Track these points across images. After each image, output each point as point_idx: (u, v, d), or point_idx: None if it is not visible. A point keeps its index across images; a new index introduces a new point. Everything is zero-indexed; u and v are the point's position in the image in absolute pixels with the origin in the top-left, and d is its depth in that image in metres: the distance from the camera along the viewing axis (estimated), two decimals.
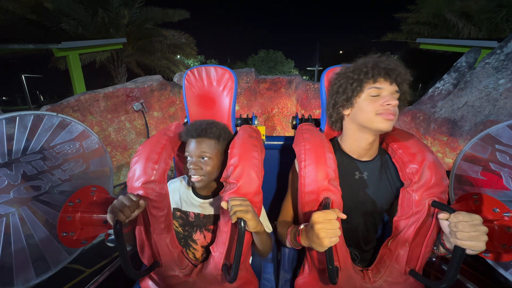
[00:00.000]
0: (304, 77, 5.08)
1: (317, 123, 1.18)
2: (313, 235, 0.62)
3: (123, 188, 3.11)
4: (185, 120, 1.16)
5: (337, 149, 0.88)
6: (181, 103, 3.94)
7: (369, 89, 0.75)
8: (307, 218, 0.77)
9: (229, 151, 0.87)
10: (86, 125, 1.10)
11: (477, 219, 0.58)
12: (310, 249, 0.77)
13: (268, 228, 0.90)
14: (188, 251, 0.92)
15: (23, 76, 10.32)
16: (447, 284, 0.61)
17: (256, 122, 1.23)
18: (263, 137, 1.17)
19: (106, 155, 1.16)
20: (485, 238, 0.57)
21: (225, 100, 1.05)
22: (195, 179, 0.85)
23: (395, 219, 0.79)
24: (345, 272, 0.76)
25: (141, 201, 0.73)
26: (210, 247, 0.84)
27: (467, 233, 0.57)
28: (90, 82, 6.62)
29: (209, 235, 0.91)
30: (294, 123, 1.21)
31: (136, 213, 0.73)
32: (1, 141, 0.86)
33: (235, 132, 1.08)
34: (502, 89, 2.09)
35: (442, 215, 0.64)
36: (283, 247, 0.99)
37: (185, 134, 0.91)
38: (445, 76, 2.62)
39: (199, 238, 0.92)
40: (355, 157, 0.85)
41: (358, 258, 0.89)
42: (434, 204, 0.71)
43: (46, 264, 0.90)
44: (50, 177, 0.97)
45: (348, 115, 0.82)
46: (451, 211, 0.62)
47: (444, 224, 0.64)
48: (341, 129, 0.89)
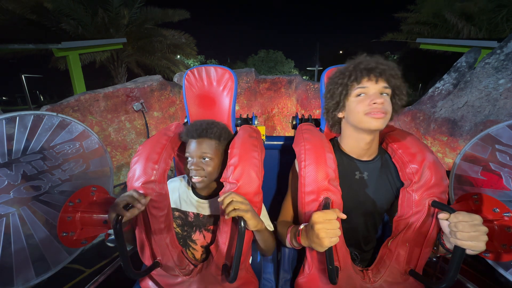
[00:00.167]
0: (304, 77, 5.08)
1: (317, 123, 1.18)
2: (313, 235, 0.62)
3: (123, 188, 3.11)
4: (185, 120, 1.16)
5: (337, 149, 0.88)
6: (181, 103, 3.94)
7: (355, 91, 0.76)
8: (307, 218, 0.77)
9: (229, 151, 0.87)
10: (86, 125, 1.10)
11: (477, 219, 0.58)
12: (310, 249, 0.78)
13: (270, 226, 0.90)
14: (187, 251, 0.92)
15: (23, 76, 10.31)
16: (447, 284, 0.61)
17: (256, 122, 1.23)
18: (263, 137, 1.17)
19: (106, 155, 1.16)
20: (485, 238, 0.57)
21: (225, 100, 1.05)
22: (196, 180, 0.85)
23: (395, 219, 0.79)
24: (345, 272, 0.76)
25: (143, 200, 0.74)
26: (210, 247, 0.84)
27: (467, 233, 0.57)
28: (90, 82, 6.62)
29: (208, 235, 0.91)
30: (294, 123, 1.21)
31: (137, 212, 0.73)
32: (1, 141, 0.86)
33: (235, 132, 1.08)
34: (502, 89, 2.09)
35: (442, 215, 0.64)
36: (283, 247, 0.99)
37: (185, 134, 0.91)
38: (445, 76, 2.62)
39: (199, 238, 0.92)
40: (355, 157, 0.85)
41: (358, 258, 0.89)
42: (434, 204, 0.71)
43: (46, 264, 0.90)
44: (50, 177, 0.97)
45: (343, 117, 0.84)
46: (451, 211, 0.62)
47: (444, 224, 0.64)
48: (339, 131, 0.89)
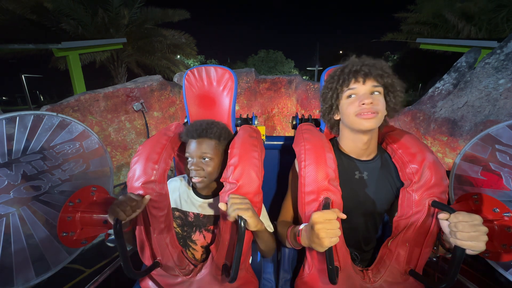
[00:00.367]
0: (304, 77, 5.08)
1: (317, 123, 1.18)
2: (313, 235, 0.62)
3: (123, 188, 3.11)
4: (185, 120, 1.16)
5: (337, 149, 0.88)
6: (181, 103, 3.94)
7: (345, 93, 0.78)
8: (307, 218, 0.77)
9: (229, 151, 0.87)
10: (86, 125, 1.10)
11: (477, 219, 0.58)
12: (310, 249, 0.78)
13: (270, 227, 0.90)
14: (187, 251, 0.92)
15: (23, 76, 10.32)
16: (447, 284, 0.61)
17: (256, 122, 1.23)
18: (263, 137, 1.17)
19: (106, 155, 1.16)
20: (485, 238, 0.57)
21: (225, 100, 1.05)
22: (196, 180, 0.85)
23: (395, 219, 0.79)
24: (345, 272, 0.76)
25: (143, 199, 0.75)
26: (210, 247, 0.84)
27: (467, 233, 0.57)
28: (90, 82, 6.62)
29: (209, 236, 0.91)
30: (294, 123, 1.21)
31: (137, 212, 0.73)
32: (1, 141, 0.86)
33: (235, 132, 1.08)
34: (502, 89, 2.09)
35: (442, 215, 0.64)
36: (283, 247, 0.99)
37: (185, 134, 0.91)
38: (445, 76, 2.62)
39: (199, 238, 0.91)
40: (354, 157, 0.85)
41: (358, 258, 0.89)
42: (434, 204, 0.71)
43: (46, 264, 0.90)
44: (50, 177, 0.97)
45: (339, 119, 0.85)
46: (451, 211, 0.62)
47: (444, 224, 0.64)
48: (339, 132, 0.90)
